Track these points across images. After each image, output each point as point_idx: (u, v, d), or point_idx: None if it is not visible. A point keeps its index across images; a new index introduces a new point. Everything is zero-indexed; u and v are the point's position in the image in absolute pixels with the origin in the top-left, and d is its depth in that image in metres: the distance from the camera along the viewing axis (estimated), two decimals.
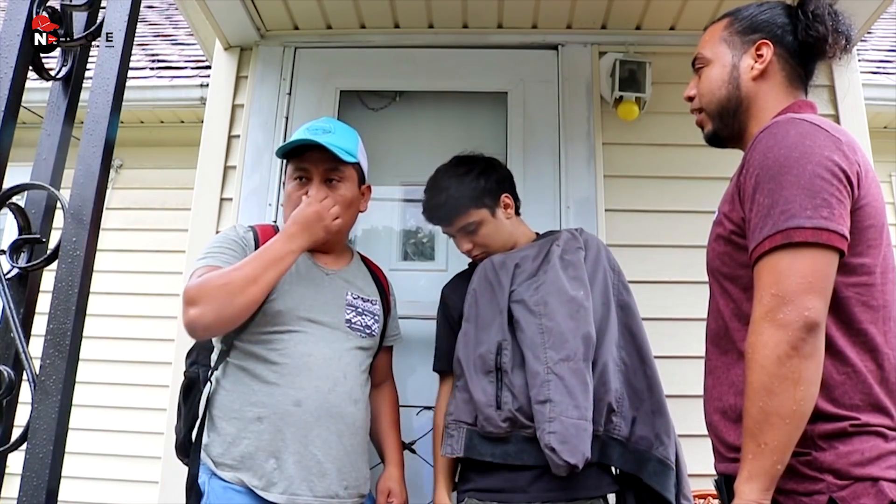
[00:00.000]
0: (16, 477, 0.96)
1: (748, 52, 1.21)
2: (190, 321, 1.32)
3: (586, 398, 1.45)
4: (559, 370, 1.45)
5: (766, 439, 0.92)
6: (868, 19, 2.17)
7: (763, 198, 0.99)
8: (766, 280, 0.97)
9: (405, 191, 2.45)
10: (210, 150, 2.34)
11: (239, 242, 1.49)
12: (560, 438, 1.39)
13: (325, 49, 2.43)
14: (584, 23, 2.36)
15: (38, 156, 1.12)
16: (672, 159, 2.28)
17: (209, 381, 1.46)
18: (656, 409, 1.57)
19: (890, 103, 3.36)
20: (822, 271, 0.94)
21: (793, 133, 1.02)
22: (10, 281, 1.06)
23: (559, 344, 1.48)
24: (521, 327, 1.53)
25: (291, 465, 1.36)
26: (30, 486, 0.95)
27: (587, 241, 1.69)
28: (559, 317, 1.50)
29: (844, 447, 0.94)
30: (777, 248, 0.96)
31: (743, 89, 1.20)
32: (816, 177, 0.96)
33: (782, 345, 0.92)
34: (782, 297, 0.93)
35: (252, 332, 1.42)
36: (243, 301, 1.32)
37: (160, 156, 3.95)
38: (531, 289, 1.57)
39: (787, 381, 0.91)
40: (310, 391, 1.40)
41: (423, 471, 1.94)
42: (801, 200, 0.95)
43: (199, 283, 1.34)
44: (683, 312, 2.08)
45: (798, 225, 0.95)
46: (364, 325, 1.56)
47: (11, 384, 1.03)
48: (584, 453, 1.40)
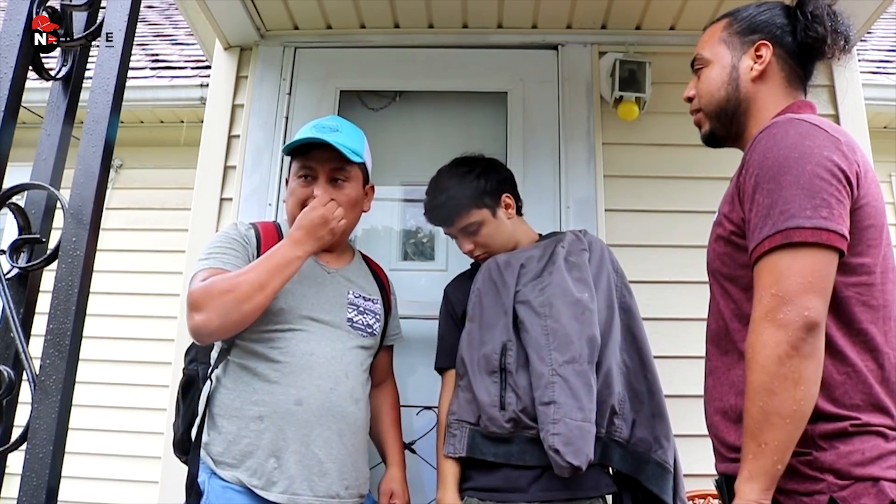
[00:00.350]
0: (16, 477, 0.96)
1: (747, 53, 1.20)
2: (195, 327, 1.32)
3: (590, 400, 1.45)
4: (564, 372, 1.45)
5: (767, 439, 0.92)
6: (868, 19, 2.18)
7: (762, 198, 1.00)
8: (765, 280, 0.97)
9: (405, 191, 2.45)
10: (210, 150, 2.34)
11: (241, 242, 1.47)
12: (564, 440, 1.39)
13: (325, 49, 2.43)
14: (584, 23, 2.36)
15: (38, 156, 1.12)
16: (672, 159, 2.28)
17: (209, 380, 1.46)
18: (656, 412, 1.57)
19: (890, 103, 3.36)
20: (821, 271, 0.94)
21: (792, 133, 1.02)
22: (10, 281, 1.06)
23: (564, 346, 1.48)
24: (525, 328, 1.53)
25: (293, 464, 1.36)
26: (30, 486, 0.95)
27: (591, 242, 1.69)
28: (564, 318, 1.50)
29: (845, 447, 0.94)
30: (777, 249, 0.96)
31: (742, 90, 1.20)
32: (816, 177, 0.96)
33: (782, 345, 0.92)
34: (782, 297, 0.93)
35: (254, 330, 1.41)
36: (249, 308, 1.32)
37: (160, 156, 3.95)
38: (536, 290, 1.57)
39: (787, 380, 0.91)
40: (311, 390, 1.40)
41: (424, 471, 1.94)
42: (801, 200, 0.95)
43: (205, 289, 1.33)
44: (683, 312, 2.08)
45: (798, 225, 0.95)
46: (365, 324, 1.55)
47: (11, 384, 1.03)
48: (588, 455, 1.40)
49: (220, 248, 1.45)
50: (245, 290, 1.32)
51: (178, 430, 1.53)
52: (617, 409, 1.51)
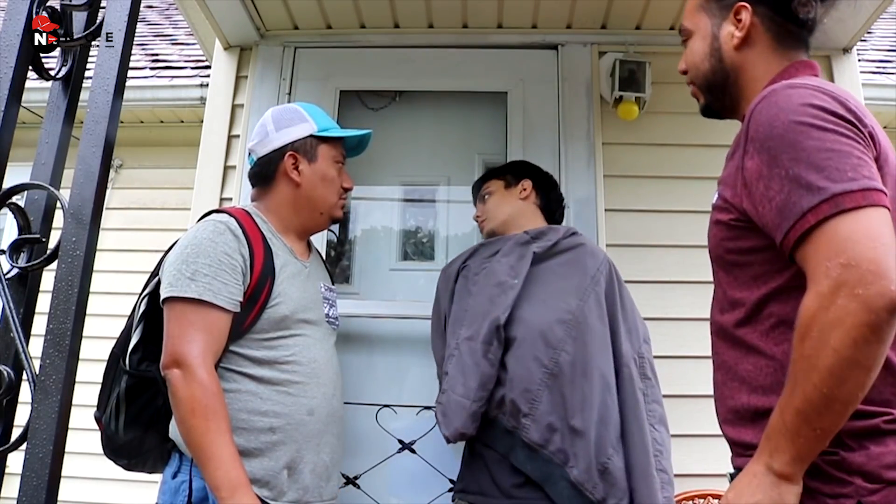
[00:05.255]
0: (16, 477, 0.96)
1: (727, 19, 1.09)
2: (173, 379, 1.21)
3: (474, 378, 1.49)
4: (462, 347, 1.53)
5: (825, 424, 0.82)
6: (868, 19, 2.17)
7: (781, 172, 0.87)
8: (827, 250, 0.82)
9: (405, 191, 2.45)
10: (210, 150, 2.34)
11: (238, 269, 1.30)
12: (442, 410, 1.51)
13: (324, 49, 2.43)
14: (583, 23, 2.36)
15: (38, 156, 1.13)
16: (672, 159, 2.27)
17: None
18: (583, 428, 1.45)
19: (890, 103, 3.36)
20: (889, 233, 0.81)
21: (795, 98, 0.91)
22: (10, 281, 1.06)
23: (471, 322, 1.55)
24: (455, 298, 1.67)
25: (307, 474, 1.32)
26: (30, 486, 0.95)
27: (594, 251, 1.70)
28: (482, 297, 1.57)
29: (876, 447, 0.86)
30: (827, 219, 0.82)
31: (727, 60, 1.10)
32: (842, 136, 0.86)
33: (863, 327, 0.78)
34: (858, 267, 0.78)
35: (255, 337, 1.32)
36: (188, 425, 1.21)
37: (160, 156, 3.95)
38: (480, 266, 1.67)
39: (860, 367, 0.79)
40: (320, 399, 1.36)
41: (424, 471, 1.95)
42: (836, 163, 0.84)
43: (201, 400, 1.19)
44: (683, 312, 2.08)
45: (844, 189, 0.82)
46: (335, 317, 1.51)
47: (11, 384, 1.03)
48: (458, 430, 1.48)
49: (213, 270, 1.27)
50: (199, 422, 1.19)
51: (122, 434, 1.35)
52: (522, 406, 1.46)
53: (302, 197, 1.46)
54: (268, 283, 1.34)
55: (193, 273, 1.26)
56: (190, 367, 1.20)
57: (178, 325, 1.24)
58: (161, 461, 1.37)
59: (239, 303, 1.29)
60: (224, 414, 1.21)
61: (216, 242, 1.30)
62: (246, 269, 1.31)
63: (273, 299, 1.34)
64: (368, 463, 1.97)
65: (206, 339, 1.24)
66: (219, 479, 1.16)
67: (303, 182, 1.45)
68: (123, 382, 1.35)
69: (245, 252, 1.32)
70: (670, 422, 1.59)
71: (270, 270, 1.35)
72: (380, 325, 2.13)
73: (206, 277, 1.26)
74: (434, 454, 1.94)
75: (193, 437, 1.19)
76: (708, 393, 1.12)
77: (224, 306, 1.26)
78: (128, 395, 1.34)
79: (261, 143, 1.49)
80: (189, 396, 1.19)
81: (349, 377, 2.07)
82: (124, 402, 1.34)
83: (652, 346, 1.66)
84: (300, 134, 1.48)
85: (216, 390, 1.21)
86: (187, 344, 1.22)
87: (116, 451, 1.40)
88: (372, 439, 1.98)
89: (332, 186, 1.48)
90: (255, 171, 1.49)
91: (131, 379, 1.34)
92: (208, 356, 1.24)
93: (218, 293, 1.26)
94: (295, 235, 1.48)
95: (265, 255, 1.36)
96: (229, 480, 1.16)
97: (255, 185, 1.51)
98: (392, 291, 2.31)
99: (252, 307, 1.31)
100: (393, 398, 2.03)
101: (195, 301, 1.24)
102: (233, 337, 1.31)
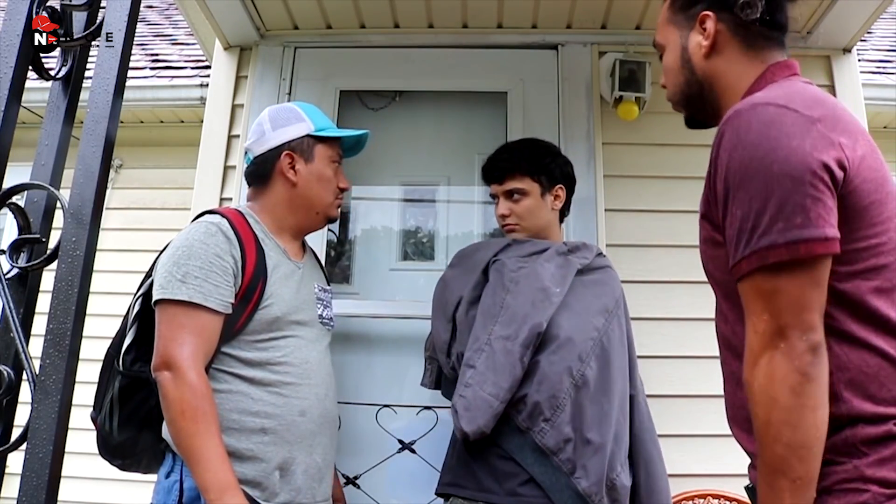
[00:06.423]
0: (16, 477, 0.96)
1: (694, 29, 1.09)
2: (163, 381, 1.22)
3: (506, 380, 1.43)
4: (496, 344, 1.47)
5: (800, 473, 0.84)
6: (868, 19, 2.17)
7: (735, 208, 0.91)
8: (754, 306, 0.89)
9: (405, 190, 2.45)
10: (210, 150, 2.34)
11: (229, 271, 1.30)
12: (465, 404, 1.42)
13: (324, 49, 2.43)
14: (583, 23, 2.36)
15: (38, 156, 1.13)
16: (672, 159, 2.27)
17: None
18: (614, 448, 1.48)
19: (890, 103, 3.35)
20: (809, 285, 0.86)
21: (755, 125, 0.90)
22: (10, 281, 1.06)
23: (508, 321, 1.49)
24: (486, 291, 1.57)
25: (299, 475, 1.32)
26: (30, 486, 0.95)
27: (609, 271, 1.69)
28: (522, 298, 1.52)
29: (889, 451, 0.85)
30: (755, 271, 0.88)
31: (698, 72, 1.09)
32: (785, 177, 0.86)
33: (793, 374, 0.84)
34: (777, 322, 0.86)
35: (246, 339, 1.32)
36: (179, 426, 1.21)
37: (160, 156, 3.95)
38: (516, 264, 1.60)
39: (806, 409, 0.83)
40: (312, 400, 1.36)
41: (424, 471, 1.95)
42: (771, 212, 0.86)
43: (190, 403, 1.19)
44: (683, 312, 2.08)
45: (771, 243, 0.86)
46: (329, 318, 1.51)
47: (11, 384, 1.03)
48: (481, 428, 1.40)
49: (204, 273, 1.27)
50: (188, 424, 1.19)
51: (116, 434, 1.35)
52: (545, 411, 1.44)
53: (298, 196, 1.46)
54: (259, 284, 1.33)
55: (184, 275, 1.26)
56: (180, 369, 1.21)
57: (169, 327, 1.24)
58: (155, 461, 1.38)
59: (230, 304, 1.29)
60: (214, 416, 1.21)
61: (207, 244, 1.29)
62: (237, 270, 1.31)
63: (265, 301, 1.33)
64: (368, 463, 1.97)
65: (196, 341, 1.24)
66: (208, 480, 1.17)
67: (299, 181, 1.45)
68: (117, 383, 1.35)
69: (236, 253, 1.32)
70: (670, 422, 1.60)
71: (262, 272, 1.35)
72: (380, 325, 2.13)
73: (196, 280, 1.26)
74: (434, 454, 1.94)
75: (183, 438, 1.19)
76: (707, 393, 1.13)
77: (215, 308, 1.26)
78: (121, 395, 1.34)
79: (257, 142, 1.49)
80: (178, 398, 1.19)
81: (349, 377, 2.08)
82: (118, 403, 1.34)
83: (652, 346, 1.66)
84: (297, 133, 1.48)
85: (206, 392, 1.22)
86: (177, 346, 1.22)
87: (111, 451, 1.40)
88: (372, 439, 1.98)
89: (329, 186, 1.48)
90: (252, 169, 1.49)
91: (125, 379, 1.34)
92: (198, 358, 1.24)
93: (209, 295, 1.26)
94: (289, 235, 1.48)
95: (257, 257, 1.35)
96: (218, 482, 1.16)
97: (251, 184, 1.51)
98: (392, 291, 2.31)
99: (244, 309, 1.31)
100: (393, 398, 2.03)
101: (186, 303, 1.24)
102: (224, 338, 1.30)
